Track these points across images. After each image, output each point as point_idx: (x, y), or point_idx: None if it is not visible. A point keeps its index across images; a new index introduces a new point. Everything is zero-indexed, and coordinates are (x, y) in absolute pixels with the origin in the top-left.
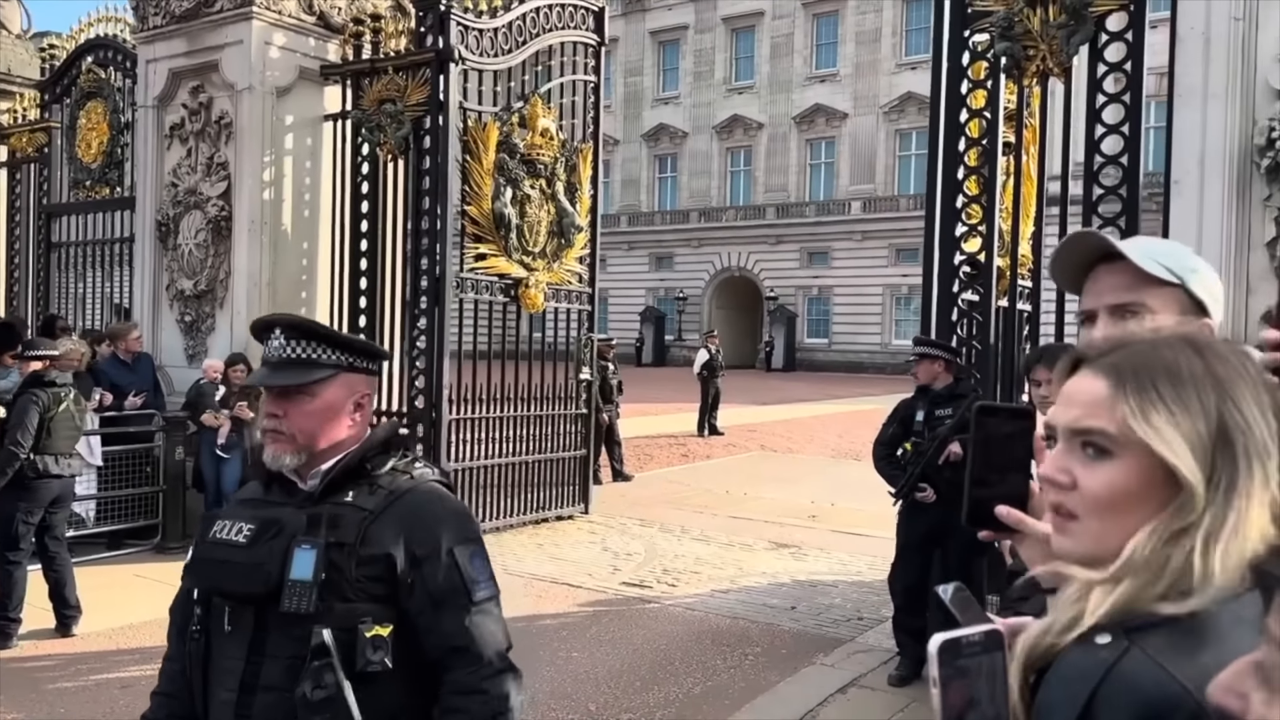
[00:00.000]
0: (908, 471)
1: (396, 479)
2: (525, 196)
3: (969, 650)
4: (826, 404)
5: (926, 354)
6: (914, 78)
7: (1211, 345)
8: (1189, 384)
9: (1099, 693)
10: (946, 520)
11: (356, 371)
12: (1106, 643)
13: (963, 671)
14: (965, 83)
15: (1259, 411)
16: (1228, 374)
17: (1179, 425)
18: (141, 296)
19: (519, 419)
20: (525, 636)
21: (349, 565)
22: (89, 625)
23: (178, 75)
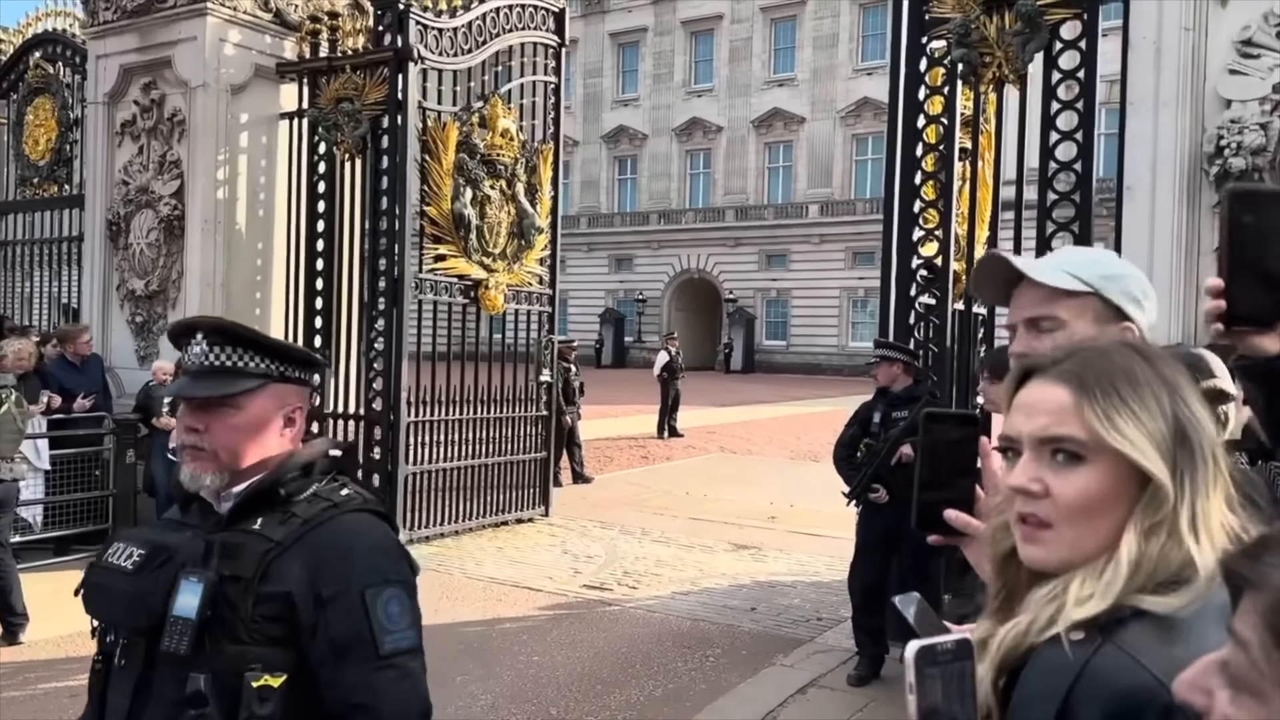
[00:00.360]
0: (862, 472)
1: (315, 506)
2: (485, 197)
3: (943, 657)
4: (785, 406)
5: (886, 356)
6: (871, 83)
7: (1151, 349)
8: (1145, 386)
9: (1075, 688)
10: (902, 521)
11: (288, 381)
12: (1080, 639)
13: (936, 677)
14: (923, 88)
15: (1203, 408)
16: (1173, 375)
17: (1143, 427)
18: (91, 297)
19: (479, 421)
20: (485, 640)
21: (245, 603)
22: (36, 633)
23: (129, 71)
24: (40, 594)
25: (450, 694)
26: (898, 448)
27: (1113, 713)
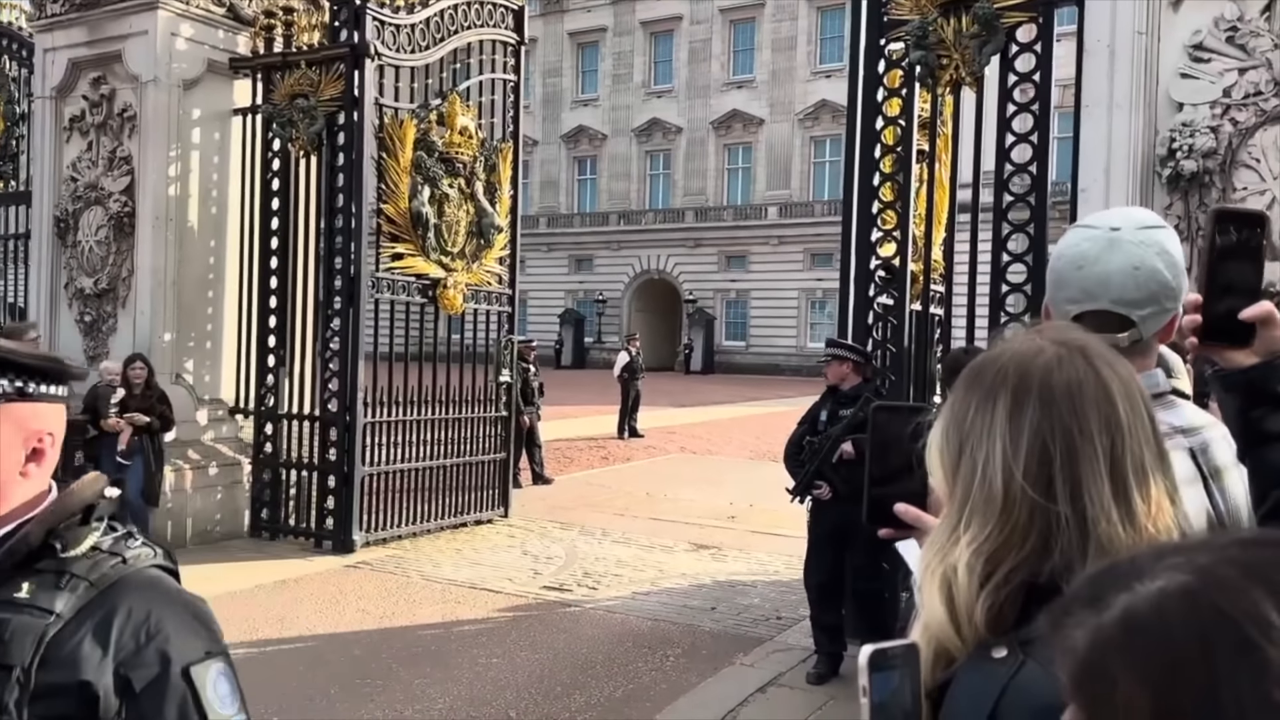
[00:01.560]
0: (805, 469)
1: (99, 565)
2: (444, 196)
3: (892, 661)
4: (744, 406)
5: (836, 355)
6: (828, 85)
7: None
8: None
9: (1000, 706)
10: (851, 517)
11: (30, 399)
12: (1002, 656)
13: (887, 680)
14: (881, 90)
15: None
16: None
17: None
18: (38, 295)
19: (437, 422)
20: (442, 643)
21: (15, 701)
22: None
23: (78, 65)
24: None
25: (408, 697)
26: (839, 445)
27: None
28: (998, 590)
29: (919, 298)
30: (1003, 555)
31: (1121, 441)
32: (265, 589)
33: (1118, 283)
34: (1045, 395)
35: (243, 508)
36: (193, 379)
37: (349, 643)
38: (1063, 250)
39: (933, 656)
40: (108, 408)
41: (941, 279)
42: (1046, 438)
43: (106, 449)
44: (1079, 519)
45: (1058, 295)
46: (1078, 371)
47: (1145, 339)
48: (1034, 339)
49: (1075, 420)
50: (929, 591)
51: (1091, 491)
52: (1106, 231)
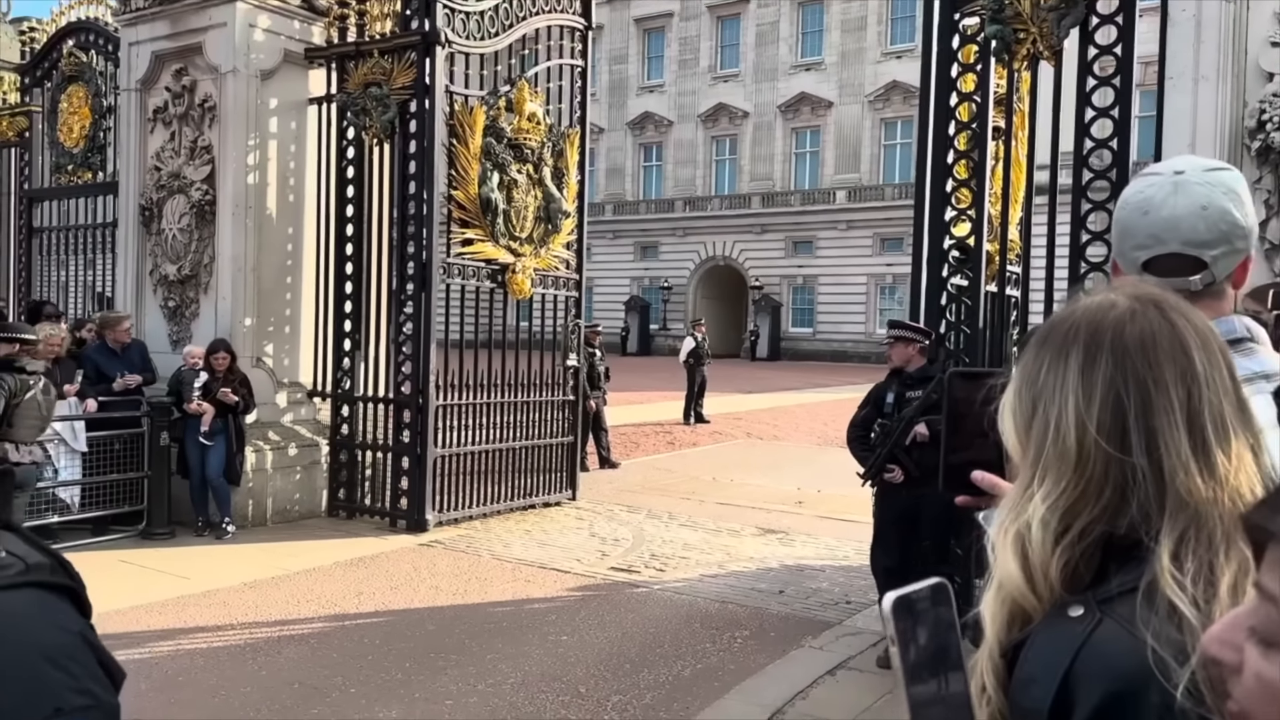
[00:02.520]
0: (876, 453)
1: None
2: (512, 181)
3: (920, 605)
4: (811, 393)
5: (901, 336)
6: (899, 66)
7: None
8: None
9: (1075, 666)
10: (918, 501)
11: None
12: (1079, 614)
13: (917, 626)
14: (955, 66)
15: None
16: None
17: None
18: (124, 282)
19: (506, 405)
20: (513, 620)
21: None
22: None
23: (161, 58)
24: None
25: (480, 671)
26: (912, 427)
27: (1115, 692)
28: (1073, 546)
29: (994, 279)
30: (1078, 510)
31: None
32: (343, 566)
33: (1187, 224)
34: (1118, 348)
35: (321, 487)
36: (272, 363)
37: (423, 618)
38: (1127, 198)
39: (1007, 617)
40: (190, 391)
41: (1018, 259)
42: (1120, 390)
43: (191, 430)
44: (1155, 471)
45: (1124, 245)
46: (1151, 324)
47: (1219, 281)
48: (1106, 294)
49: (1150, 372)
50: (1002, 550)
51: (1168, 443)
52: (1170, 176)
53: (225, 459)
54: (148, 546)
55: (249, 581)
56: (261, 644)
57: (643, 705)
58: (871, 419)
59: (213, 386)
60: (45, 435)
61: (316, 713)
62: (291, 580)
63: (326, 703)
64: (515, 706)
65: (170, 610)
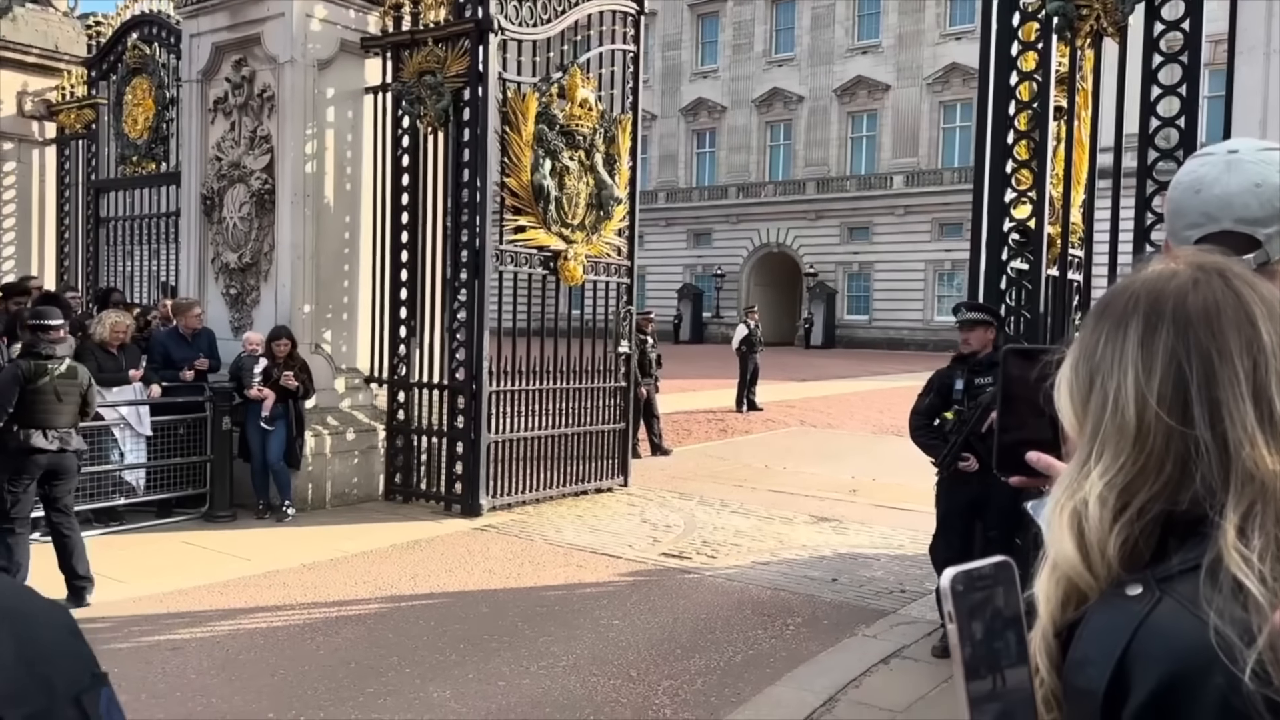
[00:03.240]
0: (950, 441)
1: None
2: (564, 168)
3: (981, 584)
4: (867, 381)
5: (981, 320)
6: (959, 48)
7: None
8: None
9: (1132, 646)
10: (988, 490)
11: None
12: (1137, 594)
13: (977, 605)
14: (1015, 44)
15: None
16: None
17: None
18: (187, 270)
19: (558, 391)
20: (565, 604)
21: None
22: (140, 589)
23: (221, 49)
24: (143, 554)
25: (533, 653)
26: (988, 414)
27: (1175, 673)
28: (1132, 523)
29: (1056, 262)
30: (1137, 486)
31: (1265, 363)
32: (399, 549)
33: (1239, 202)
34: (1180, 318)
35: (377, 472)
36: (330, 349)
37: (477, 600)
38: (1179, 179)
39: (1062, 596)
40: (250, 377)
41: (1080, 243)
42: (1182, 361)
43: (252, 414)
44: (1220, 444)
45: (1177, 224)
46: (1215, 293)
47: (1273, 260)
48: (1167, 264)
49: (1213, 342)
50: (1058, 528)
51: (1233, 415)
52: (1224, 155)
53: (286, 443)
54: (210, 528)
55: (308, 563)
56: (320, 624)
57: (694, 690)
58: (937, 407)
59: (273, 372)
60: (110, 419)
61: (372, 691)
62: (349, 562)
63: (382, 682)
64: (567, 689)
65: (232, 590)
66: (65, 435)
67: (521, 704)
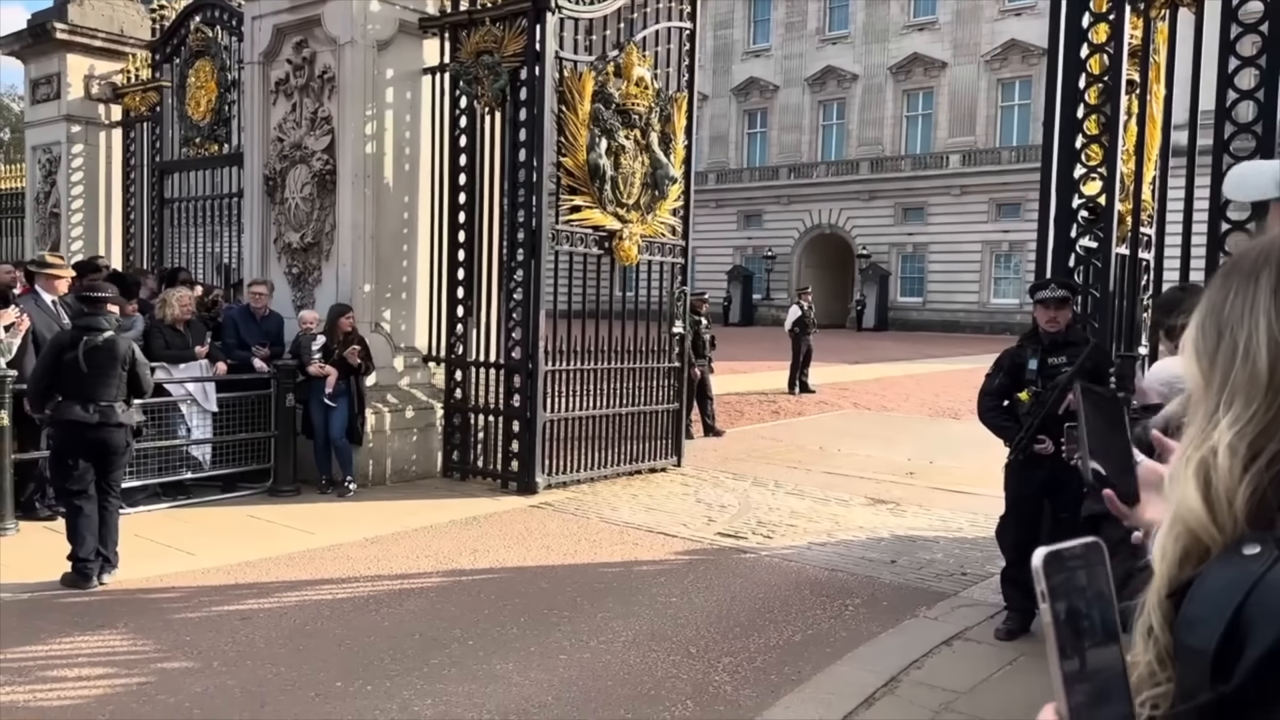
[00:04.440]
0: (1025, 423)
1: None
2: (620, 147)
3: (1072, 563)
4: (921, 364)
5: (1065, 298)
6: (1018, 24)
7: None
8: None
9: (1247, 605)
10: (1062, 472)
11: None
12: (1255, 553)
13: (1068, 585)
14: (1086, 15)
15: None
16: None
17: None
18: (251, 250)
19: (613, 371)
20: (622, 581)
21: None
22: (208, 561)
23: (282, 31)
24: (210, 526)
25: (592, 628)
26: (1065, 395)
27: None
28: (1261, 474)
29: (1125, 240)
30: (1270, 435)
31: None
32: (458, 524)
33: None
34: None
35: (436, 449)
36: (390, 328)
37: (536, 576)
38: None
39: (1181, 553)
40: (309, 355)
41: (1150, 221)
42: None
43: (315, 391)
44: None
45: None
46: None
47: None
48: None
49: None
50: (1184, 480)
51: None
52: None
53: (348, 420)
54: (274, 503)
55: (370, 537)
56: (384, 596)
57: (754, 668)
58: (1007, 388)
59: (333, 349)
60: (178, 395)
61: (436, 662)
62: (410, 537)
63: (446, 654)
64: (627, 664)
65: (297, 563)
66: (106, 409)
67: (583, 677)
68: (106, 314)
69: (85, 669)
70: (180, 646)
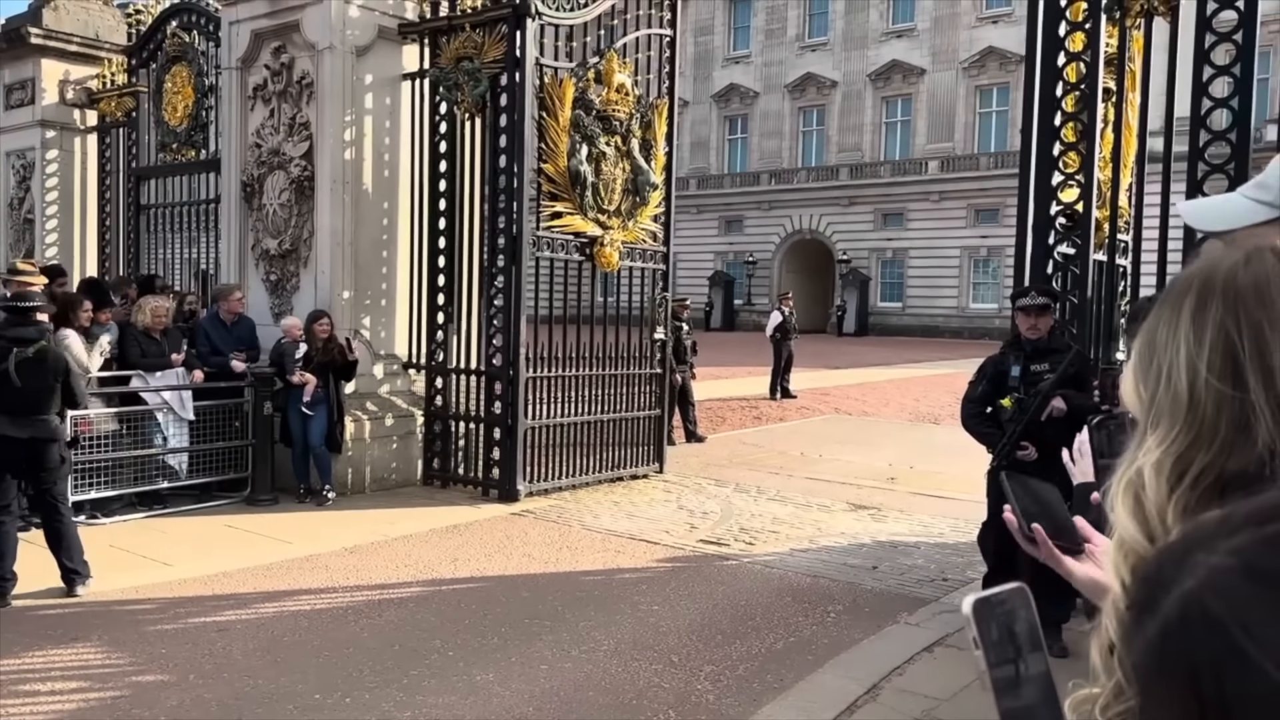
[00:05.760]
0: (1007, 430)
1: None
2: (601, 154)
3: (999, 608)
4: (902, 368)
5: (1046, 305)
6: (995, 32)
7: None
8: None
9: None
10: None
11: None
12: None
13: (998, 629)
14: (1063, 24)
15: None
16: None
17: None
18: (228, 256)
19: (594, 378)
20: (604, 589)
21: None
22: (185, 571)
23: (260, 36)
24: (186, 537)
25: (574, 637)
26: (1048, 402)
27: None
28: (1189, 490)
29: (1103, 246)
30: (1193, 453)
31: None
32: (438, 533)
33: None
34: (1228, 292)
35: (416, 457)
36: (369, 335)
37: (517, 585)
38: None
39: (1130, 572)
40: (292, 363)
41: (1127, 227)
42: (1231, 332)
43: (293, 399)
44: (1275, 405)
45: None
46: (1266, 268)
47: None
48: (1224, 248)
49: (1264, 313)
50: (1119, 504)
51: None
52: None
53: (326, 428)
54: (252, 512)
55: (349, 547)
56: (362, 607)
57: (736, 676)
58: (990, 395)
59: (313, 356)
60: (153, 404)
61: (416, 673)
62: (390, 546)
63: (426, 665)
64: (609, 673)
65: (275, 573)
66: (39, 423)
67: (564, 687)
68: (37, 323)
69: (59, 683)
70: (156, 659)
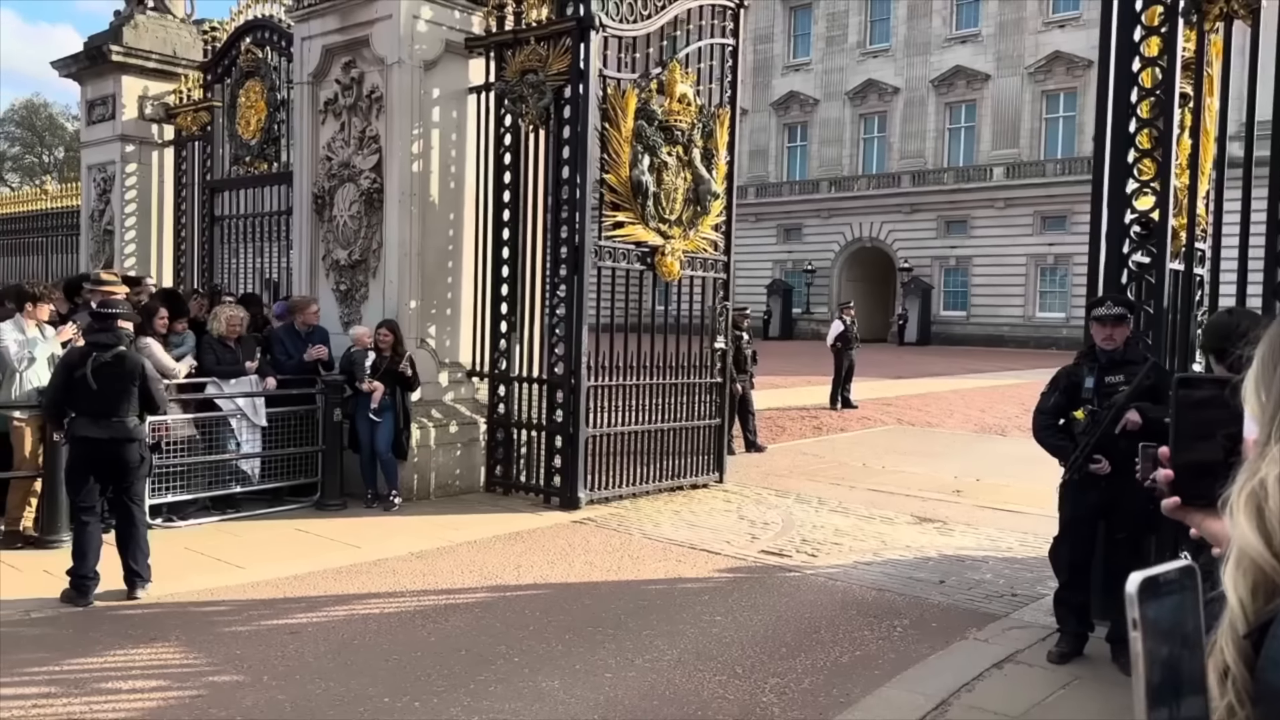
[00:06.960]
0: (1080, 442)
1: None
2: (662, 164)
3: (1167, 588)
4: (966, 379)
5: (1125, 316)
6: (1062, 36)
7: None
8: None
9: None
10: (1118, 493)
11: None
12: None
13: (1161, 610)
14: (1138, 29)
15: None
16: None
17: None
18: (300, 267)
19: (655, 387)
20: (667, 599)
21: None
22: (258, 574)
23: (330, 51)
24: (259, 540)
25: (637, 647)
26: (1123, 414)
27: None
28: None
29: (1180, 256)
30: None
31: None
32: (501, 540)
33: None
34: None
35: (479, 464)
36: (435, 343)
37: (580, 593)
38: None
39: (1250, 586)
40: (362, 371)
41: (1205, 235)
42: None
43: (361, 406)
44: None
45: None
46: None
47: None
48: None
49: None
50: (1240, 515)
51: None
52: None
53: (393, 435)
54: (321, 516)
55: (416, 552)
56: (429, 611)
57: (801, 689)
58: (1063, 406)
59: (380, 364)
60: (227, 410)
61: (483, 679)
62: (455, 551)
63: (492, 670)
64: (673, 683)
65: (344, 577)
66: (116, 424)
67: (629, 696)
68: (117, 329)
69: (139, 681)
70: (231, 660)
